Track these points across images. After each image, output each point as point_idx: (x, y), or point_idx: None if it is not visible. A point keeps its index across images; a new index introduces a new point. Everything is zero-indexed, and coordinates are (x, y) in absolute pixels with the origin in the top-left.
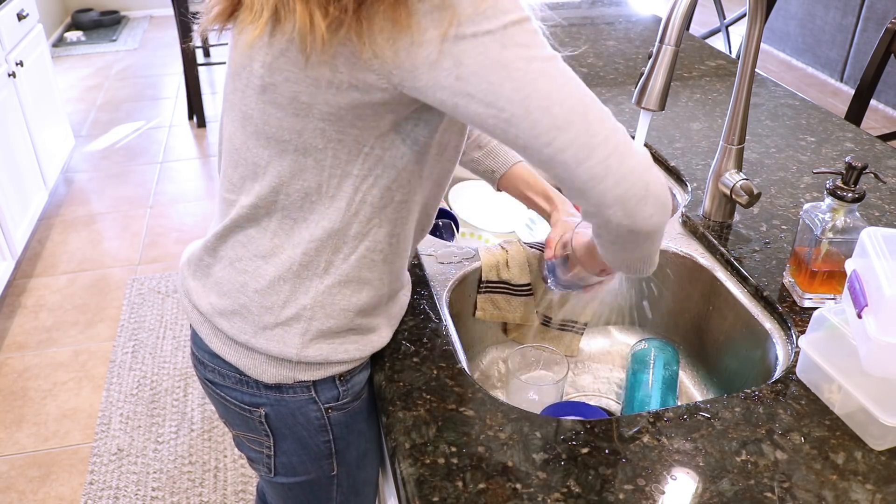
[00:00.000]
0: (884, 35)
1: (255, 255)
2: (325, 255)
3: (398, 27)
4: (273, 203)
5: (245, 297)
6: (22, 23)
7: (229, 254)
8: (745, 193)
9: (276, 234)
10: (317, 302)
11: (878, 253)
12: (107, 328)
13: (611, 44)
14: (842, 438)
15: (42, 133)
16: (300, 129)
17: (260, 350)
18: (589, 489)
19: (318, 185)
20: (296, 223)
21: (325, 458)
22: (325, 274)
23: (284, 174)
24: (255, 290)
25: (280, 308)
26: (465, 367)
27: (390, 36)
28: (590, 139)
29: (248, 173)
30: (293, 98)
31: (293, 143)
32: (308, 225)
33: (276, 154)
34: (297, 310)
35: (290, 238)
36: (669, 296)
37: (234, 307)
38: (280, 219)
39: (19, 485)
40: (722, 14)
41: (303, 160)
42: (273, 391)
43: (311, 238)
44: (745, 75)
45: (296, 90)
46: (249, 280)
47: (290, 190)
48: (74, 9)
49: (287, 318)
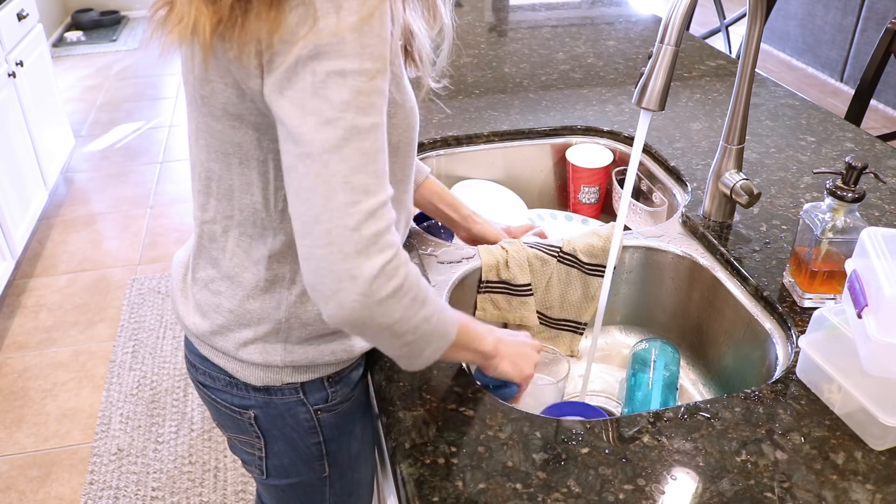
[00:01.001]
0: (884, 35)
1: (224, 276)
2: (287, 266)
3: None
4: (229, 219)
5: (222, 317)
6: (22, 23)
7: (202, 276)
8: (745, 193)
9: (235, 254)
10: (291, 314)
11: (878, 253)
12: (107, 328)
13: (611, 44)
14: (842, 438)
15: (42, 133)
16: (239, 140)
17: (246, 360)
18: (589, 489)
19: (265, 199)
20: (252, 240)
21: (316, 459)
22: (293, 284)
23: (235, 187)
24: (229, 310)
25: (256, 324)
26: (465, 367)
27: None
28: (313, 225)
29: (202, 187)
30: (224, 110)
31: (237, 156)
32: (265, 240)
33: (225, 168)
34: (273, 325)
35: (249, 256)
36: (669, 296)
37: (214, 328)
38: (237, 237)
39: (19, 485)
40: (722, 14)
41: (248, 173)
42: (261, 393)
43: (270, 253)
44: (745, 75)
45: (223, 101)
46: (223, 301)
47: (242, 205)
48: (74, 9)
49: (265, 333)
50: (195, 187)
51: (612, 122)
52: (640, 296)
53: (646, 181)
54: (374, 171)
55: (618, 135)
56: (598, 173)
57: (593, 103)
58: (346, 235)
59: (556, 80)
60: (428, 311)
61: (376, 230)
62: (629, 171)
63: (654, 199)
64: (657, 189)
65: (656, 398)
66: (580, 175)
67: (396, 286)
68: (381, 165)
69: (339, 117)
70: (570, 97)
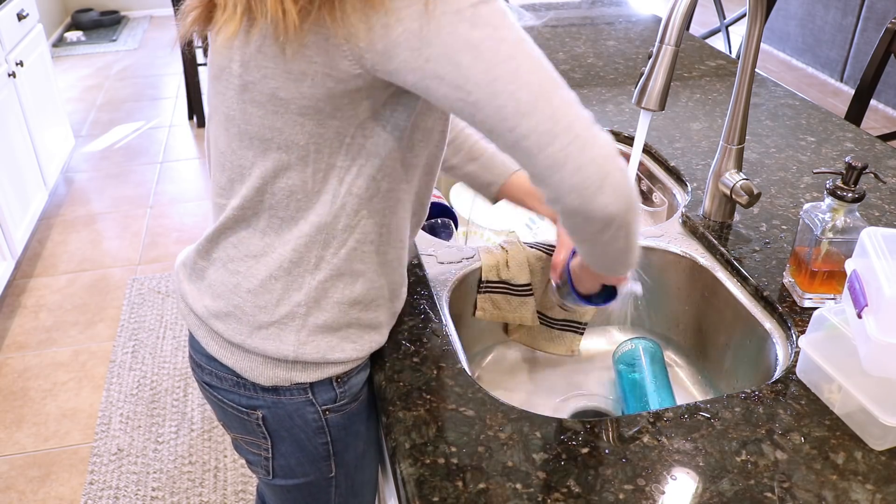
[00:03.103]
0: (884, 35)
1: (247, 256)
2: (315, 251)
3: (370, 5)
4: (259, 203)
5: (238, 297)
6: (22, 23)
7: (221, 255)
8: (745, 193)
9: (266, 234)
10: (310, 297)
11: (878, 253)
12: (107, 328)
13: (611, 44)
14: (842, 438)
15: (42, 133)
16: (280, 126)
17: (256, 351)
18: (589, 489)
19: (302, 181)
20: (284, 221)
21: (323, 459)
22: (317, 269)
23: (268, 173)
24: (247, 290)
25: (274, 306)
26: (466, 367)
27: (363, 15)
28: (553, 126)
29: (234, 176)
30: (272, 95)
31: (275, 142)
32: (297, 222)
33: (260, 153)
34: (291, 307)
35: (280, 236)
36: (669, 296)
37: (229, 308)
38: (268, 218)
39: (19, 485)
40: (722, 14)
41: (286, 157)
42: (270, 393)
43: (300, 234)
44: (745, 75)
45: (273, 86)
46: (242, 280)
47: (276, 189)
48: (74, 9)
49: (281, 317)
50: (223, 175)
51: (612, 122)
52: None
53: (646, 181)
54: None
55: (618, 135)
56: None
57: (593, 103)
58: (582, 122)
59: None
60: None
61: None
62: (629, 170)
63: (654, 199)
64: (657, 189)
65: (654, 398)
66: None
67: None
68: None
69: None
70: None
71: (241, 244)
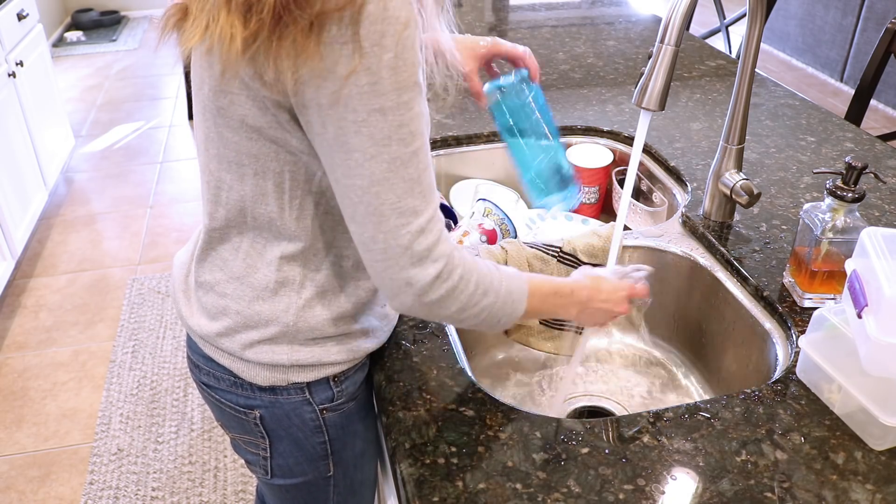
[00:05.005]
0: (884, 35)
1: (232, 278)
2: (298, 270)
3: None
4: (243, 223)
5: (228, 319)
6: (22, 23)
7: (208, 278)
8: (745, 193)
9: (249, 255)
10: (299, 318)
11: (878, 253)
12: (107, 328)
13: (611, 44)
14: (842, 438)
15: (42, 133)
16: (255, 152)
17: (252, 361)
18: (589, 489)
19: (280, 209)
20: (267, 242)
21: (321, 459)
22: (302, 288)
23: (247, 198)
24: (236, 311)
25: (264, 326)
26: (465, 367)
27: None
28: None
29: (212, 196)
30: (242, 122)
31: (251, 168)
32: (279, 243)
33: (238, 178)
34: (280, 328)
35: (262, 258)
36: (669, 296)
37: (220, 329)
38: (252, 238)
39: (19, 485)
40: (722, 14)
41: (263, 184)
42: (267, 393)
43: (282, 255)
44: (745, 75)
45: (242, 113)
46: (230, 303)
47: (256, 213)
48: (74, 9)
49: (272, 336)
50: (207, 189)
51: (612, 122)
52: None
53: (646, 181)
54: (420, 193)
55: (618, 135)
56: (598, 173)
57: (593, 103)
58: (401, 252)
59: (556, 80)
60: (489, 300)
61: (427, 245)
62: (629, 171)
63: (654, 199)
64: (657, 189)
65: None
66: (580, 175)
67: (450, 287)
68: (427, 184)
69: (383, 152)
70: (569, 97)
71: (225, 266)
